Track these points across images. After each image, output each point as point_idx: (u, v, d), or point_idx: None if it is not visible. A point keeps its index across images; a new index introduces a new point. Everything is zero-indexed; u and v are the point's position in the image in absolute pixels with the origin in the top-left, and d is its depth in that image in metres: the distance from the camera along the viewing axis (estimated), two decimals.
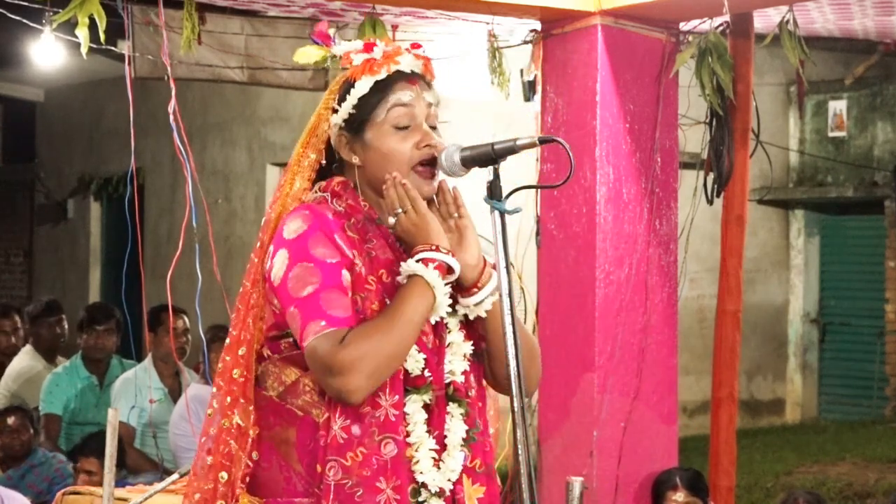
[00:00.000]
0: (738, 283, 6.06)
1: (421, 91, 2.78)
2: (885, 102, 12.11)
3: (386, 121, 2.73)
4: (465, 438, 2.72)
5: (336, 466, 2.61)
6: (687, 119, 5.94)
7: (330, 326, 2.57)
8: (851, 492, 8.83)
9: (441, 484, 2.68)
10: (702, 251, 9.19)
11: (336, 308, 2.58)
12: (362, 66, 2.76)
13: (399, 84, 2.75)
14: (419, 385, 2.68)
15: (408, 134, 2.74)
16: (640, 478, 5.76)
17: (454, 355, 2.74)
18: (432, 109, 2.79)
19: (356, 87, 2.75)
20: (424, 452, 2.67)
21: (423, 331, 2.66)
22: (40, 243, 16.31)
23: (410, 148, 2.73)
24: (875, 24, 6.50)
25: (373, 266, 2.67)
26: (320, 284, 2.59)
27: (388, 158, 2.72)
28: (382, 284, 2.67)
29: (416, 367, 2.67)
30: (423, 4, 5.80)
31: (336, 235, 2.64)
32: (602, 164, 5.64)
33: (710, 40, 5.57)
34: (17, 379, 7.36)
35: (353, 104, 2.75)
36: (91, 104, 14.64)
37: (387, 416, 2.62)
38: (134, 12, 6.25)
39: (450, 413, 2.71)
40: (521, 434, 2.67)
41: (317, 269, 2.60)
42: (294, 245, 2.62)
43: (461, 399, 2.73)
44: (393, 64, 2.75)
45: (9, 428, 6.55)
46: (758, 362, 12.54)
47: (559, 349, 5.81)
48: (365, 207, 2.74)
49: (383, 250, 2.70)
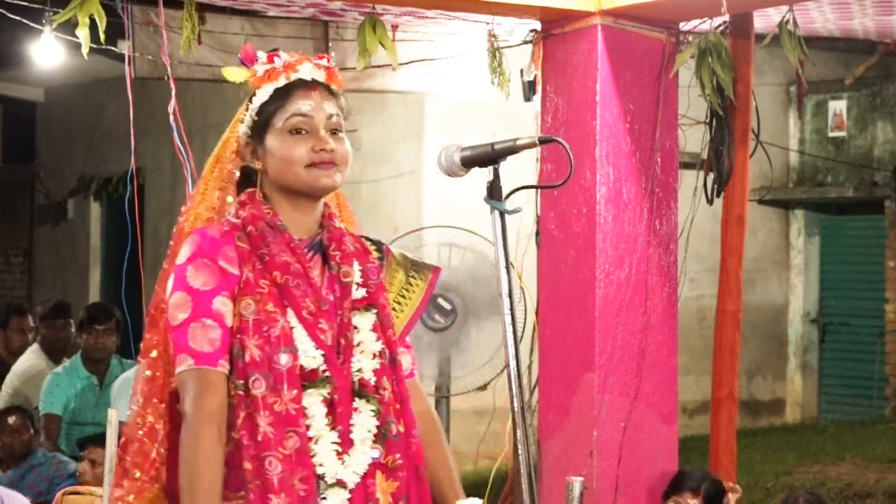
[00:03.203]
0: (738, 283, 6.06)
1: (321, 99, 2.87)
2: (885, 102, 12.10)
3: (284, 127, 2.84)
4: (376, 434, 2.80)
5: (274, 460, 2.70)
6: (687, 119, 5.94)
7: (196, 364, 2.73)
8: (851, 492, 8.82)
9: (343, 476, 2.76)
10: (702, 251, 9.19)
11: (202, 342, 2.73)
12: (264, 75, 2.89)
13: (298, 92, 2.86)
14: (314, 380, 2.77)
15: (304, 138, 2.83)
16: (640, 478, 5.77)
17: (363, 354, 2.83)
18: (333, 118, 2.87)
19: (258, 95, 2.89)
20: (324, 445, 2.75)
21: (321, 328, 2.78)
22: (40, 243, 16.31)
23: (306, 151, 2.82)
24: (875, 24, 6.50)
25: (266, 269, 2.78)
26: (190, 314, 2.74)
27: (284, 161, 2.83)
28: (277, 286, 2.78)
29: (311, 363, 2.77)
30: (423, 4, 5.80)
31: (220, 258, 2.77)
32: (602, 164, 5.64)
33: (709, 40, 5.57)
34: (22, 377, 7.38)
35: (255, 111, 2.88)
36: (91, 104, 14.64)
37: (287, 410, 2.73)
38: (134, 12, 6.26)
39: (357, 409, 2.80)
40: (521, 434, 2.68)
41: (189, 297, 2.75)
42: (177, 272, 2.80)
43: (369, 395, 2.81)
44: (292, 72, 2.87)
45: (9, 428, 6.55)
46: (758, 362, 12.53)
47: (559, 349, 5.82)
48: (268, 215, 2.84)
49: (280, 254, 2.80)
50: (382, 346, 2.86)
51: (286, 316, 2.77)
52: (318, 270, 2.86)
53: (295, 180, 2.83)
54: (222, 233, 2.81)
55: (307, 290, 2.80)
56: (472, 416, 9.55)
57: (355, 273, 2.88)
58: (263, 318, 2.75)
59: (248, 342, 2.74)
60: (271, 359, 2.74)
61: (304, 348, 2.77)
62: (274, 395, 2.72)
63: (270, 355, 2.74)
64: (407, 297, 3.06)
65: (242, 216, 2.83)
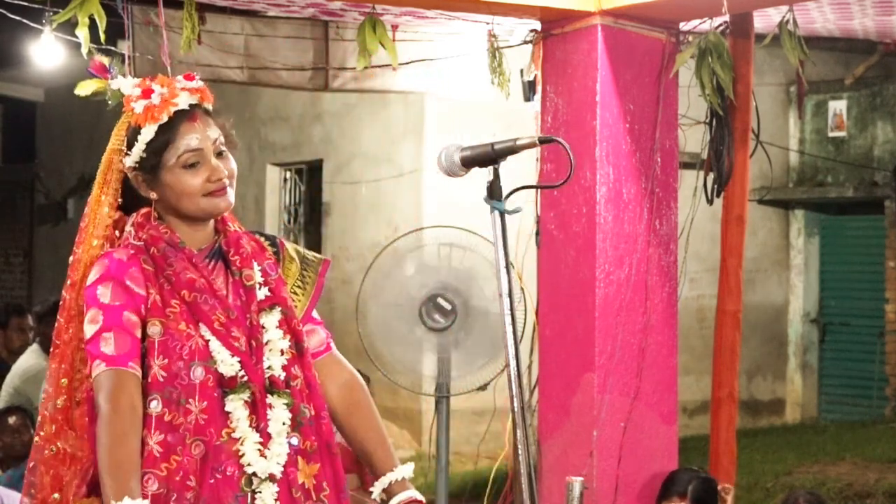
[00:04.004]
0: (738, 283, 6.06)
1: (204, 127, 2.98)
2: (885, 102, 12.11)
3: (177, 164, 2.96)
4: (291, 424, 2.96)
5: (152, 478, 2.85)
6: (687, 119, 5.94)
7: (108, 366, 2.86)
8: (851, 492, 8.82)
9: (270, 469, 2.91)
10: (702, 251, 9.19)
11: (112, 348, 2.87)
12: (144, 113, 2.99)
13: (183, 126, 2.96)
14: (233, 386, 2.92)
15: (198, 170, 2.96)
16: (640, 478, 5.77)
17: (272, 352, 2.99)
18: (217, 141, 2.98)
19: (142, 134, 2.99)
20: (249, 445, 2.90)
21: (234, 336, 2.93)
22: (40, 243, 16.33)
23: (202, 182, 2.95)
24: (875, 24, 6.50)
25: (173, 289, 2.93)
26: (101, 325, 2.88)
27: (182, 193, 2.96)
28: (186, 304, 2.93)
29: (230, 370, 2.92)
30: (423, 4, 5.80)
31: (127, 279, 2.91)
32: (602, 164, 5.64)
33: (710, 40, 5.57)
34: (23, 376, 7.37)
35: (142, 149, 2.99)
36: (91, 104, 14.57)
37: (196, 421, 2.88)
38: (134, 12, 6.26)
39: (270, 405, 2.95)
40: (521, 434, 2.68)
41: (99, 311, 2.89)
42: (88, 292, 2.94)
43: (280, 391, 2.97)
44: (171, 106, 2.97)
45: (10, 428, 6.55)
46: (758, 362, 12.54)
47: (559, 349, 5.82)
48: (166, 234, 2.98)
49: (185, 271, 2.95)
50: (289, 340, 3.01)
51: (199, 331, 2.92)
52: (222, 278, 3.00)
53: (194, 209, 2.97)
54: (129, 255, 2.95)
55: (215, 303, 2.94)
56: (472, 416, 9.55)
57: (256, 274, 3.02)
58: (176, 337, 2.90)
59: (153, 362, 2.88)
60: (180, 375, 2.88)
61: (222, 358, 2.92)
62: (175, 410, 2.87)
63: (180, 371, 2.88)
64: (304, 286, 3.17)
65: (143, 238, 2.97)
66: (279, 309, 3.02)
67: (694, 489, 5.52)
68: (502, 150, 2.76)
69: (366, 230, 11.69)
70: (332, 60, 6.90)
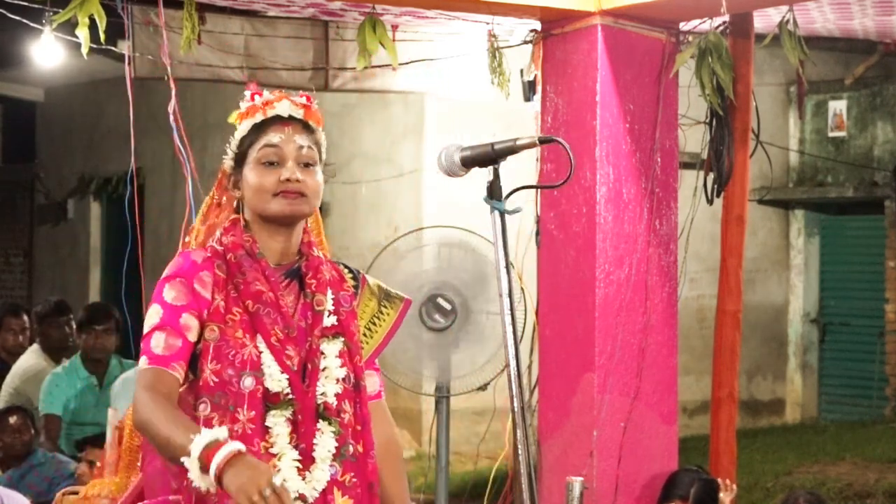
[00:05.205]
0: (738, 283, 6.06)
1: (293, 133, 3.05)
2: (885, 102, 12.10)
3: (257, 158, 3.03)
4: (334, 454, 2.97)
5: None
6: (687, 119, 5.94)
7: (150, 363, 2.91)
8: (851, 492, 8.82)
9: (304, 490, 2.93)
10: (702, 251, 9.19)
11: (161, 347, 2.91)
12: (245, 111, 3.09)
13: (273, 127, 3.05)
14: (276, 401, 2.94)
15: (274, 169, 3.02)
16: (640, 478, 5.77)
17: (327, 379, 3.01)
18: (304, 150, 3.04)
19: (238, 129, 3.09)
20: (287, 462, 2.92)
21: (288, 354, 2.96)
22: (40, 243, 16.32)
23: (274, 181, 3.00)
24: (875, 24, 6.50)
25: (239, 297, 2.98)
26: (158, 323, 2.94)
27: (255, 189, 3.02)
28: (248, 313, 2.97)
29: (276, 386, 2.94)
30: (423, 4, 5.80)
31: (195, 282, 2.97)
32: (602, 164, 5.64)
33: (710, 40, 5.57)
34: (23, 377, 7.36)
35: (235, 145, 3.09)
36: (91, 104, 14.64)
37: (244, 429, 2.90)
38: (134, 12, 6.26)
39: (319, 430, 2.98)
40: (521, 434, 2.68)
41: (161, 308, 2.95)
42: (158, 285, 2.99)
43: (331, 418, 2.99)
44: (269, 109, 3.06)
45: (10, 427, 6.54)
46: (758, 362, 12.53)
47: (559, 349, 5.82)
48: (247, 243, 3.03)
49: (255, 282, 2.99)
50: (347, 371, 3.04)
51: (255, 342, 2.95)
52: (293, 297, 3.04)
53: (265, 208, 3.01)
54: (204, 258, 3.01)
55: (277, 318, 2.97)
56: (472, 416, 9.56)
57: (328, 301, 3.05)
58: (231, 344, 2.94)
59: (205, 366, 2.92)
60: (231, 382, 2.91)
61: (271, 372, 2.94)
62: (224, 416, 2.90)
63: (231, 378, 2.92)
64: (378, 325, 3.21)
65: (225, 243, 3.03)
66: (342, 340, 3.06)
67: (695, 491, 5.52)
68: (502, 150, 2.76)
69: (366, 230, 11.69)
70: (332, 60, 6.90)
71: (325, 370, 3.00)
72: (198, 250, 3.05)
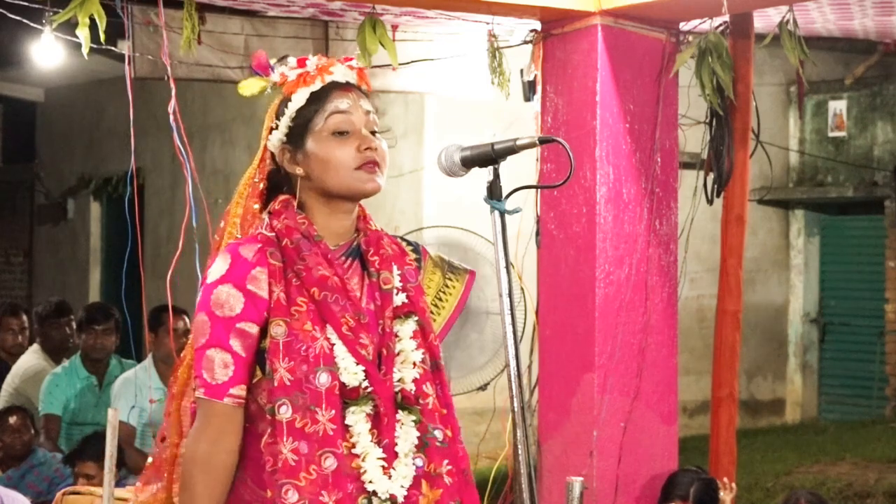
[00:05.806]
0: (738, 283, 6.06)
1: (357, 98, 2.82)
2: (885, 102, 12.10)
3: (325, 128, 2.78)
4: (417, 445, 2.75)
5: (291, 489, 2.66)
6: (687, 119, 5.94)
7: (205, 395, 2.72)
8: (851, 492, 8.82)
9: (393, 491, 2.71)
10: (702, 251, 9.19)
11: (213, 372, 2.71)
12: (297, 79, 2.82)
13: (335, 93, 2.80)
14: (355, 397, 2.72)
15: (347, 139, 2.78)
16: (640, 478, 5.77)
17: (404, 363, 2.79)
18: (370, 116, 2.81)
19: (293, 101, 2.81)
20: (372, 462, 2.71)
21: (362, 343, 2.72)
22: (40, 243, 16.32)
23: (351, 152, 2.77)
24: (875, 24, 6.50)
25: (303, 285, 2.73)
26: (207, 341, 2.71)
27: (329, 164, 2.77)
28: (315, 302, 2.72)
29: (353, 380, 2.72)
30: (423, 4, 5.80)
31: (248, 283, 2.71)
32: (602, 164, 5.64)
33: (710, 40, 5.57)
34: (23, 377, 7.37)
35: (291, 117, 2.81)
36: (91, 104, 14.63)
37: (325, 430, 2.68)
38: (134, 12, 6.25)
39: (400, 421, 2.76)
40: (521, 434, 2.68)
41: (208, 322, 2.71)
42: (204, 291, 2.74)
43: (411, 406, 2.77)
44: (327, 74, 2.81)
45: (10, 427, 6.54)
46: (758, 362, 12.53)
47: (559, 349, 5.82)
48: (303, 225, 2.78)
49: (317, 267, 2.74)
50: (423, 353, 2.82)
51: (325, 333, 2.72)
52: (357, 279, 2.80)
53: (339, 184, 2.77)
54: (255, 252, 2.74)
55: (346, 304, 2.74)
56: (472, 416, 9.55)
57: (395, 278, 2.82)
58: (301, 338, 2.70)
59: (277, 365, 2.68)
60: (306, 379, 2.68)
61: (345, 365, 2.71)
62: (305, 416, 2.68)
63: (306, 375, 2.68)
64: (444, 300, 3.02)
65: (277, 227, 2.77)
66: (415, 318, 2.82)
67: (695, 491, 5.52)
68: (502, 150, 2.75)
69: None
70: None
71: (400, 353, 2.77)
72: (246, 243, 2.77)
